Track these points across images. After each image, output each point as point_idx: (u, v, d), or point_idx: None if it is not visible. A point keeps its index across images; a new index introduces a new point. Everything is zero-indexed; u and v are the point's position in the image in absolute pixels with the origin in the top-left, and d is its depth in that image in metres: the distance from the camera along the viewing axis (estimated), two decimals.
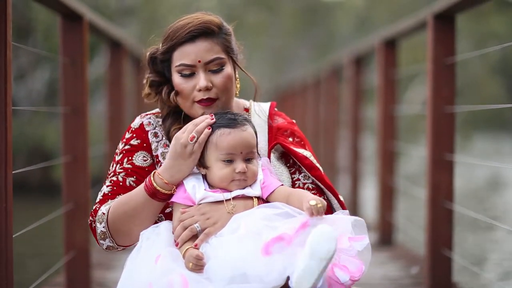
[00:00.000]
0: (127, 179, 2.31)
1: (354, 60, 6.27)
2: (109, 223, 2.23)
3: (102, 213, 2.24)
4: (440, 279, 3.53)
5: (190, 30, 2.27)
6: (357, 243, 2.07)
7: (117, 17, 13.32)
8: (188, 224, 2.13)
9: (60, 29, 3.59)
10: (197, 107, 2.29)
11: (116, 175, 2.32)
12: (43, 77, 12.10)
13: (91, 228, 2.28)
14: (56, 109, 5.08)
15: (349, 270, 2.03)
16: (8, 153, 2.48)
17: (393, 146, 5.03)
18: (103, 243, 2.27)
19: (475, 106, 3.65)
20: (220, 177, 2.16)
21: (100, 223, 2.24)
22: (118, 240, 2.26)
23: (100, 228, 2.24)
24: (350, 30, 24.11)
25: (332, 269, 2.01)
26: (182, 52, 2.27)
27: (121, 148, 2.36)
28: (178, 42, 2.27)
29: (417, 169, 12.32)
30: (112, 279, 3.90)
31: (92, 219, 2.27)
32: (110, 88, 4.95)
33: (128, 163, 2.33)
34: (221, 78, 2.28)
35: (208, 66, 2.27)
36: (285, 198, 2.14)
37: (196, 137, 2.14)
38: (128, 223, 2.21)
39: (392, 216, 4.98)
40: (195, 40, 2.27)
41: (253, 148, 2.19)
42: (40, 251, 6.47)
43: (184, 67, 2.27)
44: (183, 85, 2.28)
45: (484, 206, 9.37)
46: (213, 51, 2.28)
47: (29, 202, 9.58)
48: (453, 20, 3.53)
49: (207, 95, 2.27)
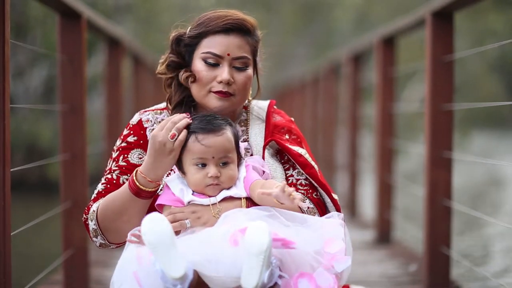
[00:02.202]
0: (121, 177, 2.32)
1: (352, 57, 6.26)
2: (99, 220, 2.25)
3: (93, 211, 2.26)
4: (438, 277, 3.53)
5: (227, 22, 2.28)
6: (339, 264, 2.07)
7: (113, 15, 13.30)
8: (179, 217, 2.14)
9: (58, 27, 3.58)
10: (212, 97, 2.29)
11: (111, 173, 2.33)
12: (41, 75, 12.09)
13: (85, 225, 2.30)
14: (54, 107, 5.08)
15: (316, 284, 2.02)
16: (6, 151, 2.47)
17: (392, 143, 5.03)
18: (96, 240, 2.28)
19: (473, 104, 3.66)
20: (194, 181, 2.17)
21: (91, 220, 2.26)
22: (109, 238, 2.27)
23: (91, 225, 2.26)
24: (348, 28, 24.10)
25: (296, 280, 2.01)
26: (213, 41, 2.28)
27: (118, 145, 2.37)
28: (212, 30, 2.28)
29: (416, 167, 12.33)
30: (110, 277, 3.87)
31: (86, 217, 2.29)
32: (108, 86, 4.95)
33: (124, 160, 2.33)
34: (243, 77, 2.30)
35: (234, 62, 2.29)
36: (261, 187, 2.15)
37: (176, 135, 2.15)
38: (116, 221, 2.23)
39: (390, 213, 4.98)
40: (229, 33, 2.29)
41: (228, 152, 2.19)
42: (38, 249, 6.47)
43: (211, 56, 2.28)
44: (204, 72, 2.29)
45: (482, 203, 9.37)
46: (243, 49, 2.30)
47: (27, 200, 9.57)
48: (451, 17, 3.53)
49: (226, 88, 2.28)
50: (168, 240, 1.94)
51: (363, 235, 5.16)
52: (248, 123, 2.44)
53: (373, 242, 4.95)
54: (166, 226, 1.95)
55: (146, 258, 2.00)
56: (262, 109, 2.46)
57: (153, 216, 1.98)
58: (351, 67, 6.30)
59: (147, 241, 1.94)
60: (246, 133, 2.42)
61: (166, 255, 1.93)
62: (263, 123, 2.43)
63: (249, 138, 2.40)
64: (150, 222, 1.96)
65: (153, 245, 1.93)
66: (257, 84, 2.41)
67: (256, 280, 1.94)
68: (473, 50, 3.60)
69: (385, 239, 4.97)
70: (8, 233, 2.51)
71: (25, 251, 6.21)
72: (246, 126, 2.43)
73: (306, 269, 2.03)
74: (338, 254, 2.07)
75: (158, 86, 7.76)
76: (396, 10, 19.77)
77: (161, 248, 1.93)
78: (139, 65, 6.42)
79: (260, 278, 1.94)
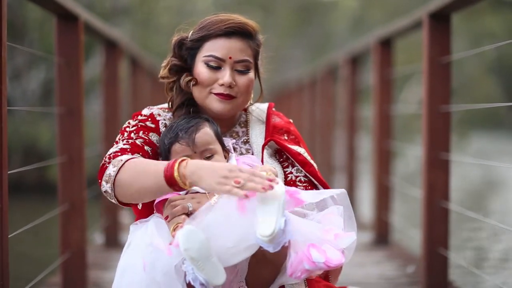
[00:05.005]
0: (145, 146, 2.28)
1: (349, 59, 6.27)
2: (121, 171, 2.15)
3: (120, 160, 2.17)
4: (436, 278, 3.54)
5: (229, 26, 2.30)
6: (343, 239, 2.07)
7: (110, 17, 13.30)
8: (179, 203, 2.14)
9: (56, 29, 3.58)
10: (214, 99, 2.31)
11: (132, 139, 2.28)
12: (38, 77, 12.08)
13: (102, 167, 2.20)
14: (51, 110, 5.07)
15: (326, 255, 2.02)
16: (4, 153, 2.47)
17: (389, 145, 5.04)
18: (104, 185, 2.18)
19: (470, 105, 3.66)
20: None
21: (114, 166, 2.16)
22: (116, 190, 2.16)
23: (110, 170, 2.16)
24: (345, 30, 24.12)
25: (308, 248, 2.02)
26: (215, 44, 2.30)
27: (134, 123, 2.33)
28: (214, 34, 2.30)
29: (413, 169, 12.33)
30: (108, 279, 3.89)
31: (107, 161, 2.20)
32: (105, 88, 4.95)
33: (144, 135, 2.30)
34: (245, 80, 2.32)
35: (236, 65, 2.31)
36: None
37: (243, 183, 1.96)
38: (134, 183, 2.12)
39: (388, 215, 4.99)
40: (231, 36, 2.30)
41: (209, 144, 2.23)
42: (36, 251, 6.46)
43: (213, 59, 2.30)
44: (205, 75, 2.30)
45: (480, 205, 9.38)
46: (245, 53, 2.32)
47: (24, 202, 9.56)
48: (449, 19, 3.53)
49: (227, 91, 2.30)
50: (207, 252, 1.95)
51: (361, 236, 5.15)
52: (248, 125, 2.46)
53: (371, 244, 4.95)
54: (203, 239, 1.95)
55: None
56: (262, 111, 2.50)
57: (188, 231, 1.95)
58: (348, 69, 6.30)
59: (190, 257, 1.94)
60: (247, 134, 2.45)
61: (208, 267, 1.94)
62: (263, 124, 2.46)
63: (250, 139, 2.43)
64: (189, 238, 1.94)
65: (196, 260, 1.94)
66: (260, 87, 2.43)
67: (273, 226, 1.89)
68: (470, 52, 3.60)
69: (383, 240, 4.97)
70: (6, 235, 2.51)
71: (23, 253, 6.20)
72: (247, 127, 2.46)
73: (312, 240, 2.03)
74: (341, 233, 2.08)
75: (155, 88, 7.76)
76: (392, 13, 19.79)
77: (203, 261, 1.94)
78: (136, 67, 6.42)
79: (276, 224, 1.90)
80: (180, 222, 2.08)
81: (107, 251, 4.74)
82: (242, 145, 2.42)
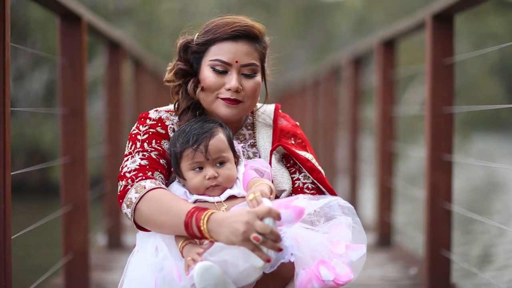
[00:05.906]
0: (160, 160, 2.25)
1: (352, 60, 6.26)
2: (143, 199, 2.12)
3: (143, 187, 2.14)
4: (439, 280, 3.53)
5: (235, 29, 2.27)
6: (354, 252, 2.07)
7: (113, 18, 13.31)
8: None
9: (59, 30, 3.58)
10: (220, 103, 2.29)
11: (147, 151, 2.24)
12: (41, 78, 12.09)
13: (124, 188, 2.17)
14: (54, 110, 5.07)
15: (336, 272, 2.02)
16: (7, 154, 2.47)
17: (392, 146, 5.03)
18: (125, 207, 2.16)
19: (473, 107, 3.65)
20: (193, 185, 2.18)
21: (136, 192, 2.14)
22: (136, 216, 2.14)
23: (133, 196, 2.14)
24: (348, 31, 24.11)
25: (317, 265, 2.01)
26: (221, 48, 2.27)
27: (145, 129, 2.30)
28: (220, 37, 2.27)
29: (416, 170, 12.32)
30: (110, 281, 3.89)
31: (130, 183, 2.17)
32: (108, 89, 4.95)
33: (157, 145, 2.27)
34: (251, 84, 2.29)
35: (243, 69, 2.28)
36: (253, 185, 2.15)
37: (260, 240, 1.95)
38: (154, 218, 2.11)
39: (390, 217, 4.98)
40: (238, 40, 2.27)
41: (222, 152, 2.20)
42: (38, 252, 6.46)
43: (219, 63, 2.27)
44: (212, 79, 2.27)
45: (483, 207, 9.37)
46: (251, 56, 2.29)
47: (27, 203, 9.57)
48: (452, 20, 3.53)
49: (234, 96, 2.27)
50: (222, 284, 1.96)
51: None
52: (255, 127, 2.44)
53: (374, 245, 4.95)
54: (219, 274, 1.96)
55: None
56: (268, 113, 2.47)
57: (203, 269, 1.96)
58: (351, 70, 6.30)
59: None
60: (253, 137, 2.42)
61: None
62: (270, 127, 2.43)
63: (257, 143, 2.41)
64: (204, 276, 1.95)
65: None
66: (265, 90, 2.41)
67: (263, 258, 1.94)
68: (473, 53, 3.60)
69: (386, 242, 4.96)
70: (9, 237, 2.51)
71: (26, 254, 6.21)
72: (253, 130, 2.44)
73: (322, 255, 2.03)
74: (352, 244, 2.07)
75: (158, 89, 7.76)
76: (395, 14, 19.78)
77: None
78: (139, 68, 6.42)
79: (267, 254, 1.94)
80: (189, 241, 2.06)
81: (110, 253, 4.74)
82: (249, 149, 2.40)
